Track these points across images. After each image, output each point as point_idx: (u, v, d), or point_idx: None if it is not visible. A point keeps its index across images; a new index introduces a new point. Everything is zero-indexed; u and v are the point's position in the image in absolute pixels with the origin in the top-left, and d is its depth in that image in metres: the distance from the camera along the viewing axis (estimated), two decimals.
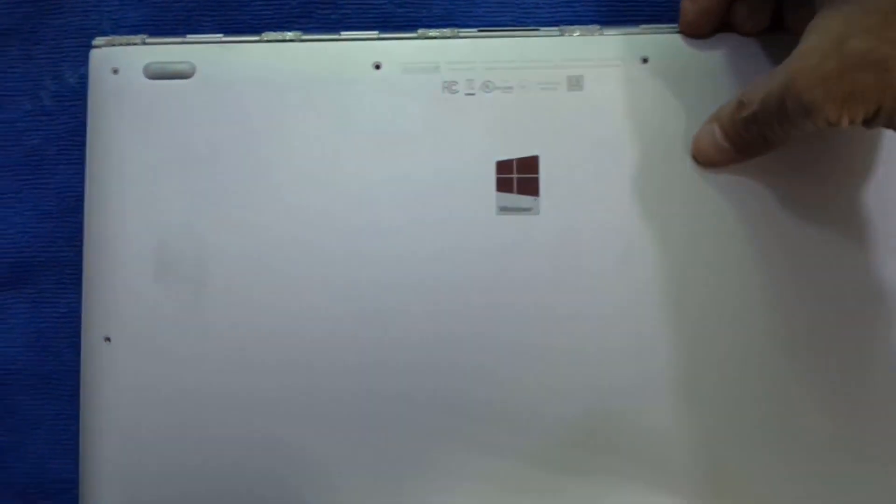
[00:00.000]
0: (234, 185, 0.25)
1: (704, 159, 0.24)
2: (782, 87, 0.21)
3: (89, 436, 0.25)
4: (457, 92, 0.25)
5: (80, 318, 0.26)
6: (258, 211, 0.25)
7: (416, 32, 0.25)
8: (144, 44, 0.25)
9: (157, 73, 0.25)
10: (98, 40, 0.25)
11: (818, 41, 0.20)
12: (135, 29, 0.28)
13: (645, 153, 0.24)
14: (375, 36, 0.25)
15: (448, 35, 0.25)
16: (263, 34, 0.25)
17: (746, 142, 0.23)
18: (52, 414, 0.28)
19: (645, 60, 0.24)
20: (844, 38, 0.19)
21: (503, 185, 0.24)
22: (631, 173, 0.24)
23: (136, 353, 0.25)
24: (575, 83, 0.24)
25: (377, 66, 0.25)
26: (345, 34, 0.25)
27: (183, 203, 0.25)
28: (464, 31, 0.25)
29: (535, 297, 0.24)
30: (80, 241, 0.27)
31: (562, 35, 0.25)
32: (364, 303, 0.24)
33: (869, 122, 0.20)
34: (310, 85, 0.25)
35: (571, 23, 0.27)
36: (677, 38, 0.24)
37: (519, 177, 0.24)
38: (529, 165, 0.24)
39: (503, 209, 0.24)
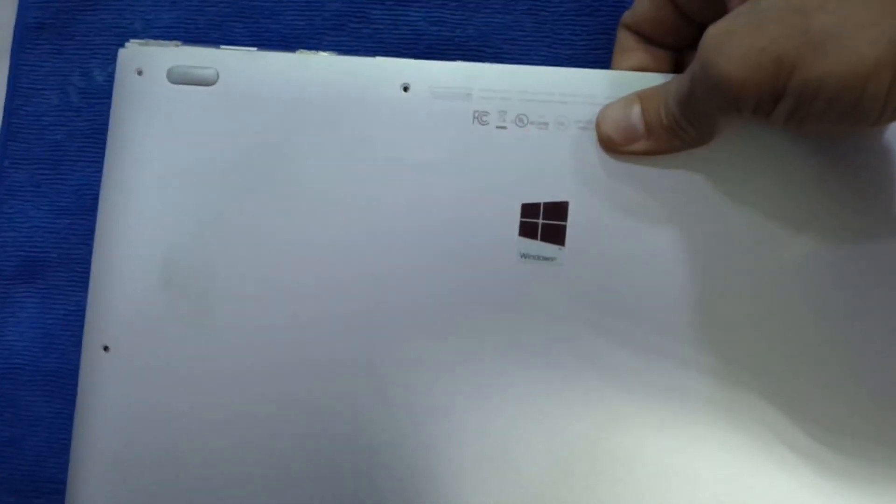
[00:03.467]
0: (247, 199, 0.24)
1: (607, 133, 0.22)
2: (696, 57, 0.19)
3: (80, 444, 0.25)
4: (487, 123, 0.23)
5: None
6: (269, 228, 0.24)
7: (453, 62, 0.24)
8: (176, 48, 0.25)
9: (180, 78, 0.25)
10: (130, 42, 0.25)
11: (738, 8, 0.18)
12: (167, 30, 0.28)
13: (686, 216, 0.22)
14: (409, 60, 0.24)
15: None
16: (297, 51, 0.24)
17: (664, 126, 0.21)
18: (53, 412, 0.28)
19: None
20: None
21: (526, 230, 0.23)
22: (668, 236, 0.22)
23: (134, 364, 0.24)
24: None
25: (405, 88, 0.24)
26: (379, 59, 0.24)
27: (195, 213, 0.24)
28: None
29: (548, 353, 0.22)
30: (93, 238, 0.26)
31: (608, 69, 0.23)
32: (369, 331, 0.23)
33: (780, 99, 0.18)
34: (333, 102, 0.24)
35: (608, 52, 0.25)
36: None
37: (545, 223, 0.23)
38: (558, 211, 0.23)
39: (524, 256, 0.23)
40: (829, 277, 0.22)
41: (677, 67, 0.24)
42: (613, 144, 0.22)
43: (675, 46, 0.24)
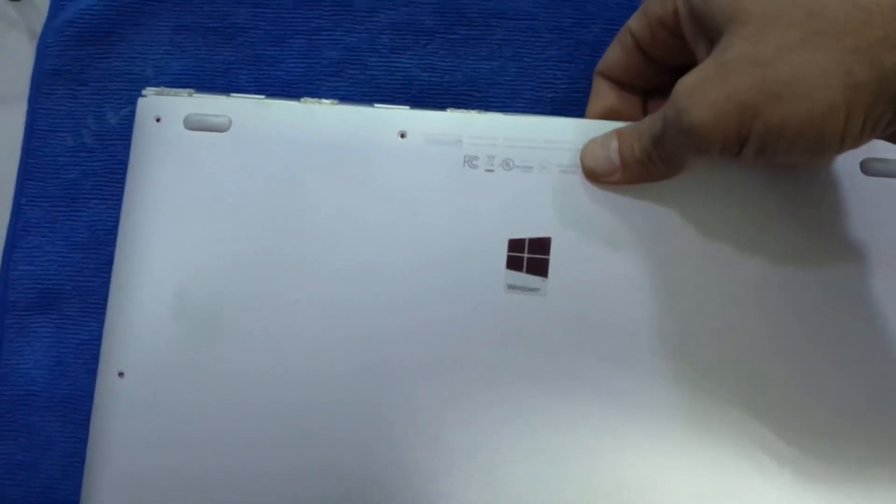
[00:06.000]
0: (256, 238, 0.26)
1: (589, 166, 0.25)
2: (669, 100, 0.21)
3: (94, 466, 0.26)
4: (477, 167, 0.26)
5: (99, 346, 0.27)
6: (277, 265, 0.26)
7: (445, 111, 0.26)
8: (190, 96, 0.27)
9: (196, 125, 0.27)
10: (147, 90, 0.27)
11: (706, 60, 0.21)
12: (176, 77, 0.30)
13: (659, 249, 0.25)
14: (406, 109, 0.26)
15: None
16: (302, 99, 0.26)
17: (636, 160, 0.24)
18: (65, 436, 0.29)
19: None
20: (724, 49, 0.20)
21: (513, 264, 0.25)
22: (642, 268, 0.25)
23: (148, 391, 0.26)
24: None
25: (402, 135, 0.26)
26: (377, 106, 0.26)
27: (207, 250, 0.26)
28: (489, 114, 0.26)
29: (533, 378, 0.24)
30: (106, 272, 0.28)
31: (586, 119, 0.26)
32: (369, 361, 0.25)
33: (746, 141, 0.20)
34: (337, 148, 0.26)
35: (588, 94, 0.28)
36: None
37: (529, 256, 0.25)
38: (541, 246, 0.25)
39: (511, 287, 0.25)
40: (799, 296, 0.25)
41: (645, 110, 0.27)
42: (595, 175, 0.25)
43: (644, 89, 0.27)
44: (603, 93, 0.26)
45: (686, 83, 0.21)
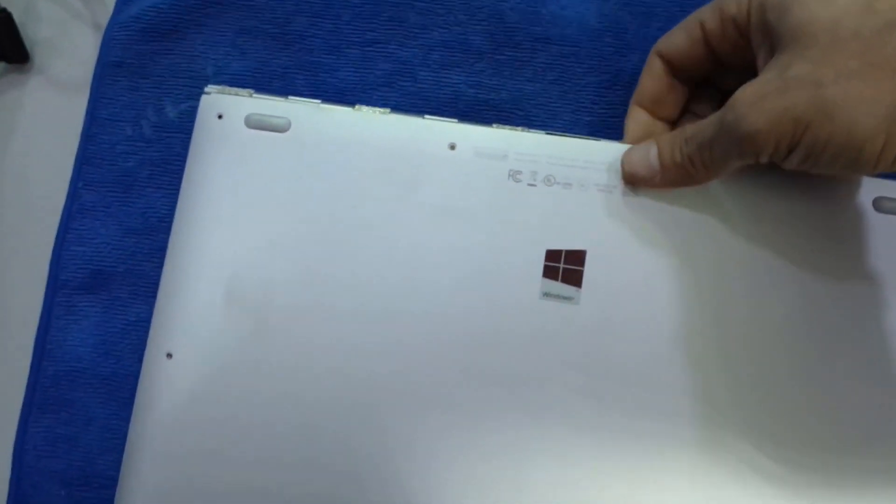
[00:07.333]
0: (307, 235, 0.27)
1: (630, 170, 0.27)
2: (726, 108, 0.23)
3: (136, 444, 0.27)
4: (520, 181, 0.27)
5: (145, 328, 0.28)
6: (324, 262, 0.27)
7: (492, 126, 0.28)
8: (251, 97, 0.28)
9: (256, 124, 0.28)
10: (210, 88, 0.28)
11: (767, 72, 0.23)
12: (235, 77, 0.31)
13: (687, 264, 0.26)
14: (455, 122, 0.28)
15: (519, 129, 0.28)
16: (356, 106, 0.28)
17: (677, 164, 0.25)
18: (107, 413, 0.31)
19: None
20: (787, 66, 0.22)
21: (549, 273, 0.27)
22: (671, 282, 0.26)
23: (195, 372, 0.27)
24: (631, 189, 0.27)
25: (452, 147, 0.28)
26: (428, 117, 0.28)
27: (259, 242, 0.27)
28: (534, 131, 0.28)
29: (562, 382, 0.26)
30: (157, 257, 0.30)
31: (623, 142, 0.28)
32: (409, 357, 0.27)
33: (793, 149, 0.22)
34: (389, 154, 0.28)
35: (623, 119, 0.30)
36: None
37: (565, 267, 0.27)
38: (577, 258, 0.27)
39: (546, 294, 0.27)
40: (819, 318, 0.26)
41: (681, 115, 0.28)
42: (634, 179, 0.27)
43: (696, 78, 0.28)
44: (657, 73, 0.28)
45: (747, 93, 0.23)
